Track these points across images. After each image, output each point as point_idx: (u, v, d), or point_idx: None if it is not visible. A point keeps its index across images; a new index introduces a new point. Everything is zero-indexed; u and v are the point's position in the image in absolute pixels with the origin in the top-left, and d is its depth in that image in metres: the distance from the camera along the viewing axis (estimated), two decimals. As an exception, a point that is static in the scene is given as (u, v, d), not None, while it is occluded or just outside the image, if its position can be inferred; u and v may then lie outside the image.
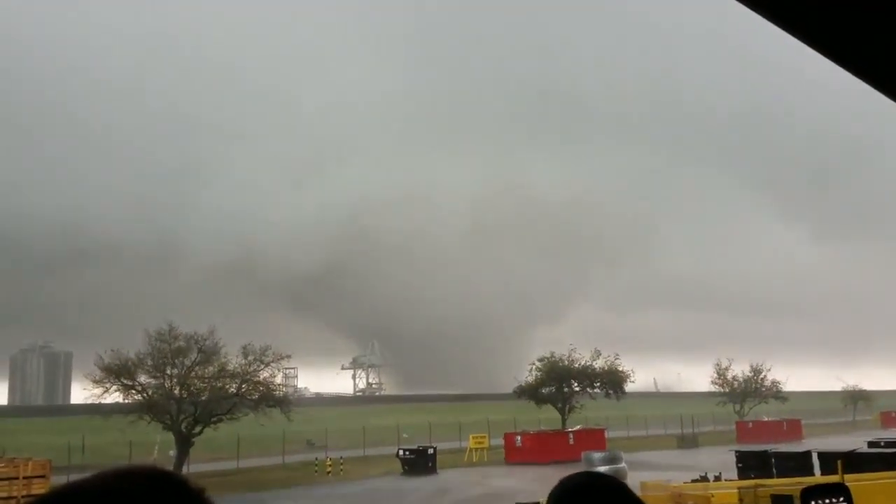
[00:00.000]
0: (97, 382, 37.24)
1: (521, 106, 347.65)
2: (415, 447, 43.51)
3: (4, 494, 22.20)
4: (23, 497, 21.65)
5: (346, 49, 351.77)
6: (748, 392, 72.74)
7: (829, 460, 21.28)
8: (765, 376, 73.38)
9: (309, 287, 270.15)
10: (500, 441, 49.95)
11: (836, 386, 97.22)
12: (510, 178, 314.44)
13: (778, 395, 72.63)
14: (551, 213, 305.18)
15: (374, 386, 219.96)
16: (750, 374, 73.41)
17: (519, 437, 48.25)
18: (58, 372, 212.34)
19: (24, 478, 22.95)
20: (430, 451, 42.26)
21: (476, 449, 49.38)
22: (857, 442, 29.66)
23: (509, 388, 59.08)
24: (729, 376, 73.35)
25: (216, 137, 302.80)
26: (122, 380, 37.61)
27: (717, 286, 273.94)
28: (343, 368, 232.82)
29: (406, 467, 41.15)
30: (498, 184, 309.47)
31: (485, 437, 51.18)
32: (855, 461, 19.13)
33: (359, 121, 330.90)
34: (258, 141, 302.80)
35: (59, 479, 20.72)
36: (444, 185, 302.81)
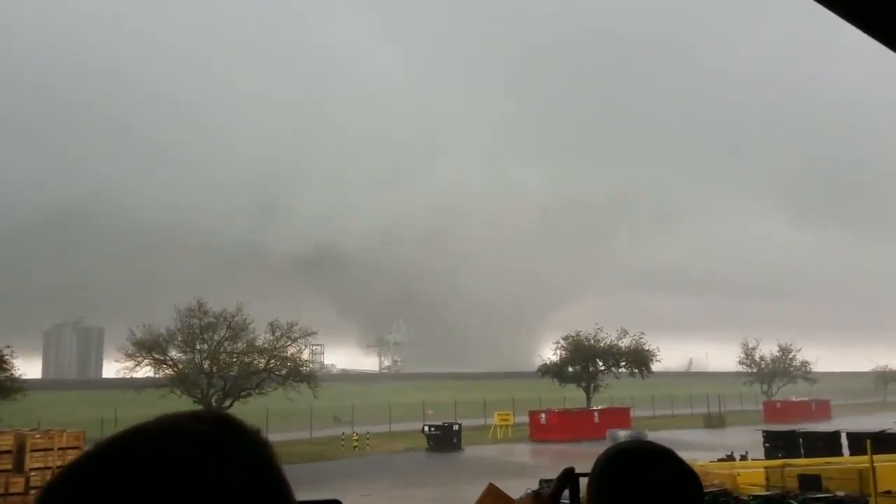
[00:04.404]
0: (129, 356, 37.97)
1: (577, 119, 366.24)
2: (440, 423, 43.79)
3: (40, 464, 22.76)
4: (57, 467, 22.21)
5: (430, 69, 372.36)
6: (776, 372, 72.14)
7: (859, 440, 21.07)
8: (794, 356, 72.73)
9: (353, 272, 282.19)
10: (525, 419, 50.10)
11: (866, 367, 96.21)
12: (559, 180, 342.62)
13: (807, 375, 71.91)
14: (589, 209, 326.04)
15: (398, 363, 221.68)
16: (778, 354, 72.79)
17: (543, 415, 48.35)
18: (90, 347, 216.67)
19: (59, 448, 23.51)
20: (456, 427, 42.52)
21: (501, 426, 49.59)
22: (887, 422, 29.30)
23: (534, 367, 59.14)
24: (756, 356, 72.81)
25: (311, 145, 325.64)
26: (154, 354, 38.31)
27: (738, 275, 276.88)
28: (368, 346, 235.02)
29: (431, 443, 41.46)
30: (548, 186, 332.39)
31: (509, 414, 51.35)
32: (885, 441, 18.91)
33: (437, 134, 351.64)
34: (347, 147, 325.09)
35: (93, 451, 21.13)
36: (504, 189, 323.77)
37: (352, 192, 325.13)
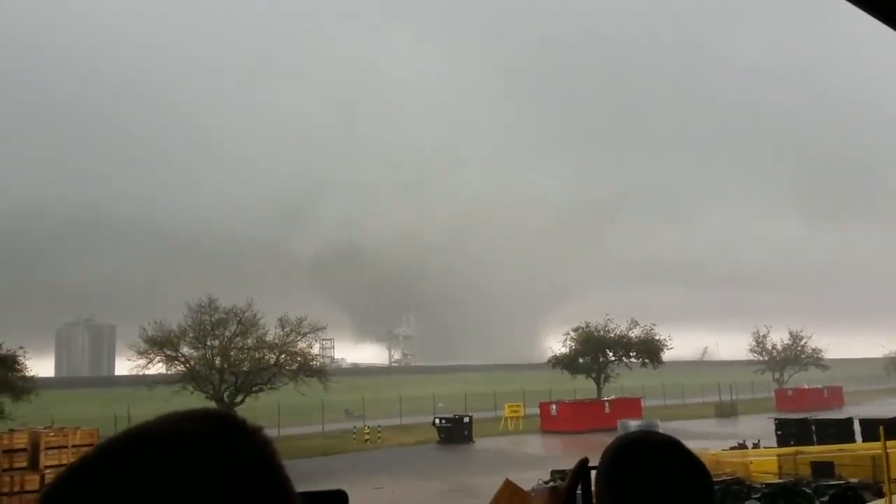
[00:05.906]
0: (141, 353, 38.17)
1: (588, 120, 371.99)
2: (451, 416, 43.83)
3: (55, 462, 22.92)
4: (73, 464, 22.39)
5: (448, 76, 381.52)
6: (788, 360, 71.83)
7: (871, 427, 20.98)
8: (805, 343, 72.40)
9: (366, 271, 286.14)
10: (536, 410, 50.12)
11: (878, 353, 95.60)
12: (570, 179, 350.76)
13: (819, 362, 71.55)
14: (599, 206, 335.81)
15: (408, 357, 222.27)
16: (790, 342, 72.47)
17: (554, 406, 48.34)
18: (102, 344, 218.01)
19: (73, 446, 23.66)
20: (466, 419, 42.57)
21: (512, 418, 49.61)
22: (900, 409, 29.15)
23: (544, 359, 59.08)
24: (768, 345, 72.51)
25: (337, 154, 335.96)
26: (166, 351, 38.50)
27: (747, 268, 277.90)
28: (377, 340, 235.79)
29: (442, 435, 41.53)
30: (559, 184, 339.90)
31: (520, 406, 51.34)
32: (898, 428, 18.80)
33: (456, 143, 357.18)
34: (368, 153, 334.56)
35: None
36: (515, 187, 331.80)
37: (371, 196, 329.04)
